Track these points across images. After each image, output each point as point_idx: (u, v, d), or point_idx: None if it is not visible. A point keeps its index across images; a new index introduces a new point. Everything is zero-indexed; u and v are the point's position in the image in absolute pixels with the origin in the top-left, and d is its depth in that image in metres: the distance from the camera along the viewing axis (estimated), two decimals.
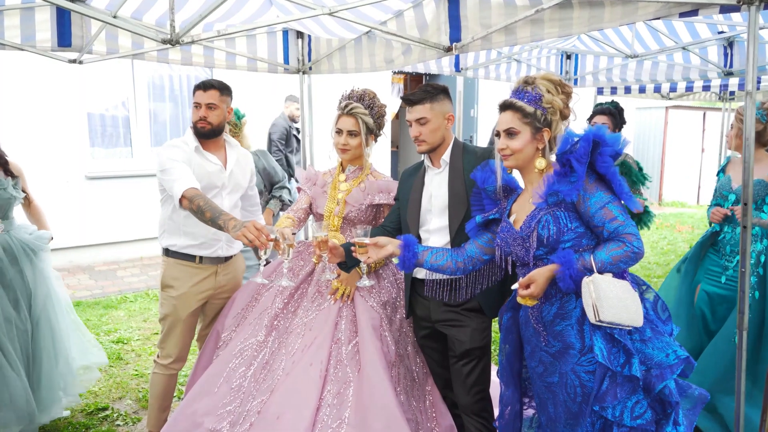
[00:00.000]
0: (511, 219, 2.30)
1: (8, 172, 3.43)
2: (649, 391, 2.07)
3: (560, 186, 2.08)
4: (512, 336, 2.42)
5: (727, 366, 3.29)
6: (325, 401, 2.55)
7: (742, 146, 3.45)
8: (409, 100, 2.63)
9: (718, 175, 3.82)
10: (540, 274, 2.09)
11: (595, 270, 2.04)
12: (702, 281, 3.70)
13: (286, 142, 6.88)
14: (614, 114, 4.36)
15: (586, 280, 2.02)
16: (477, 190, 2.48)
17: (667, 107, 13.97)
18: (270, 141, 6.99)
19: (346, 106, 2.96)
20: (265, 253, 2.55)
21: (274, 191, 4.72)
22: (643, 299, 2.18)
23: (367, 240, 2.46)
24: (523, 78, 2.23)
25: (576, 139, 2.08)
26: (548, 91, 2.17)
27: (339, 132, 2.98)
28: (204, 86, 3.05)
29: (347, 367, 2.66)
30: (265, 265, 3.27)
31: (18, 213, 3.51)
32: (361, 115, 2.93)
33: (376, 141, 3.10)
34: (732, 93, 7.19)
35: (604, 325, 2.03)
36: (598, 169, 2.08)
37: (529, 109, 2.17)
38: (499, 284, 2.63)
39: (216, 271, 3.15)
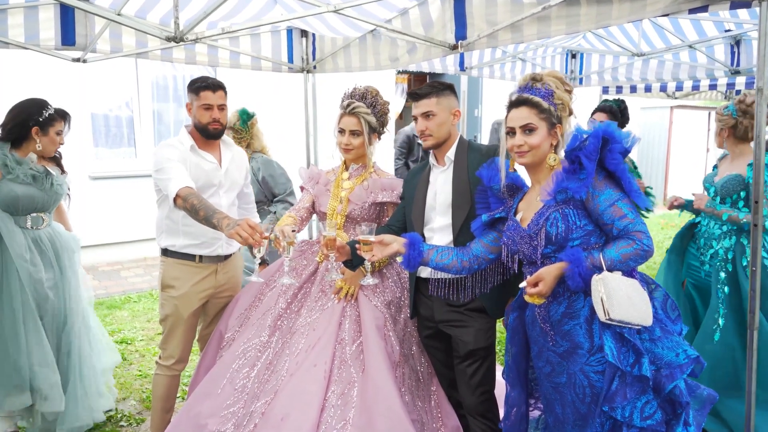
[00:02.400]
0: (518, 217, 2.27)
1: (61, 167, 3.40)
2: (659, 392, 2.04)
3: (569, 183, 2.06)
4: (518, 336, 2.39)
5: (719, 366, 3.28)
6: (330, 402, 2.53)
7: (724, 144, 3.52)
8: (415, 95, 2.62)
9: (713, 169, 3.83)
10: (548, 273, 2.07)
11: (604, 268, 2.01)
12: (686, 275, 3.75)
13: (408, 150, 6.82)
14: (614, 112, 4.35)
15: (595, 278, 1.99)
16: (482, 188, 2.45)
17: (672, 107, 13.92)
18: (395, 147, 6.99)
19: (348, 105, 2.93)
20: (259, 251, 2.52)
21: (272, 206, 4.31)
22: (652, 298, 2.15)
23: (372, 238, 2.44)
24: (530, 75, 2.21)
25: (585, 136, 2.05)
26: (557, 87, 2.16)
27: (342, 132, 2.96)
28: (213, 86, 3.00)
29: (351, 367, 2.64)
30: (260, 264, 3.26)
31: None
32: (363, 114, 2.90)
33: (379, 139, 3.07)
34: (738, 92, 7.13)
35: (613, 323, 2.00)
36: (608, 166, 2.06)
37: (545, 104, 2.15)
38: (503, 285, 2.61)
39: (216, 270, 3.12)
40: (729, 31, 4.71)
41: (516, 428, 2.45)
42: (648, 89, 7.04)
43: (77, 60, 3.94)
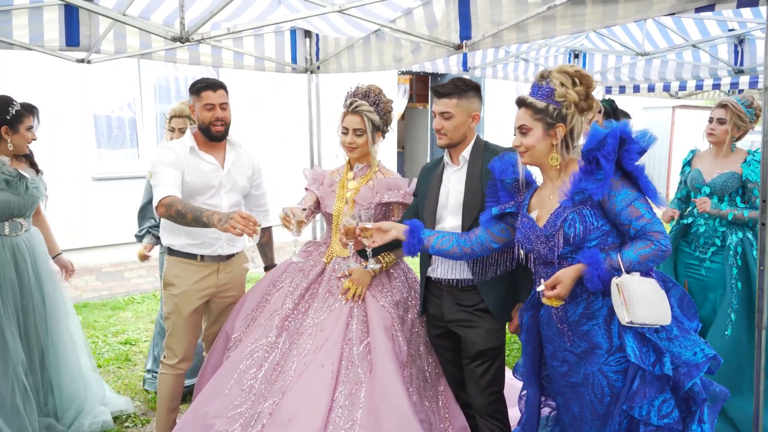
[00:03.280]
0: (533, 215, 2.25)
1: (35, 167, 3.36)
2: (678, 390, 2.04)
3: (587, 184, 2.04)
4: (533, 335, 2.38)
5: (727, 362, 3.27)
6: (337, 402, 2.52)
7: (728, 142, 3.54)
8: (437, 92, 2.59)
9: (684, 168, 3.90)
10: (566, 275, 2.05)
11: (623, 269, 2.00)
12: (683, 275, 3.77)
13: None
14: (608, 112, 4.35)
15: (615, 282, 1.98)
16: (493, 182, 2.42)
17: (674, 107, 13.90)
18: None
19: (351, 104, 2.93)
20: (252, 240, 2.59)
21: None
22: (669, 296, 2.13)
23: (369, 225, 2.47)
24: (540, 72, 2.20)
25: (603, 135, 2.02)
26: (561, 85, 2.11)
27: (345, 131, 2.95)
28: (213, 86, 3.00)
29: (359, 367, 2.63)
30: (266, 269, 3.30)
31: None
32: (366, 112, 2.89)
33: (383, 137, 3.06)
34: (741, 91, 7.13)
35: (634, 326, 2.00)
36: (625, 166, 2.03)
37: (540, 104, 2.14)
38: (508, 287, 2.59)
39: (218, 269, 3.13)
40: (732, 30, 4.70)
41: (528, 426, 2.44)
42: (651, 89, 7.02)
43: (81, 61, 3.93)
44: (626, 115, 4.37)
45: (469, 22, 3.13)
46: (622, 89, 6.85)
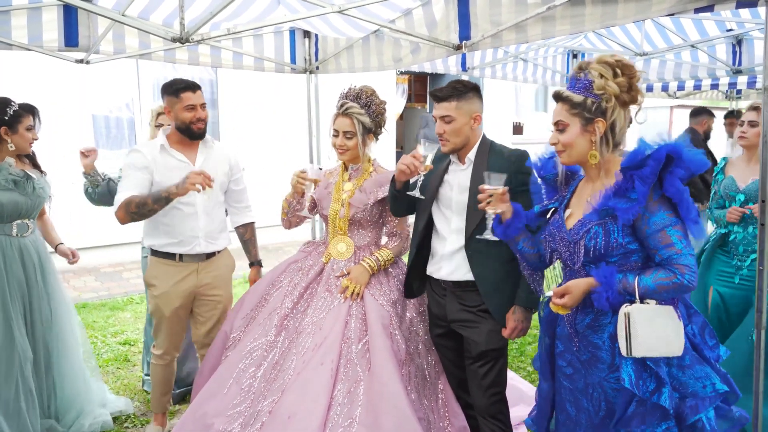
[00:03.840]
0: (567, 213, 2.15)
1: (38, 167, 3.36)
2: (682, 421, 1.94)
3: (617, 203, 1.90)
4: (551, 330, 2.29)
5: (746, 365, 3.25)
6: (336, 400, 2.54)
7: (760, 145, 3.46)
8: (435, 96, 2.57)
9: (716, 177, 3.73)
10: (576, 287, 1.97)
11: (636, 295, 1.88)
12: (713, 284, 3.65)
13: None
14: None
15: (623, 311, 1.87)
16: (534, 179, 2.31)
17: (671, 107, 13.95)
18: None
19: (341, 105, 2.92)
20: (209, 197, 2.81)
21: None
22: (690, 323, 2.05)
23: (500, 189, 2.23)
24: (578, 63, 2.06)
25: (644, 155, 1.85)
26: (601, 76, 1.94)
27: (335, 133, 2.94)
28: (192, 87, 3.06)
29: (357, 365, 2.64)
30: (252, 266, 3.36)
31: None
32: (356, 115, 2.88)
33: (377, 140, 3.05)
34: (739, 91, 7.17)
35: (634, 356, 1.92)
36: (666, 190, 1.87)
37: (577, 98, 1.98)
38: (511, 289, 2.57)
39: (197, 269, 3.16)
40: (731, 30, 4.71)
41: (539, 418, 2.40)
42: (650, 89, 7.04)
43: (80, 61, 3.93)
44: None
45: (469, 22, 3.13)
46: None
